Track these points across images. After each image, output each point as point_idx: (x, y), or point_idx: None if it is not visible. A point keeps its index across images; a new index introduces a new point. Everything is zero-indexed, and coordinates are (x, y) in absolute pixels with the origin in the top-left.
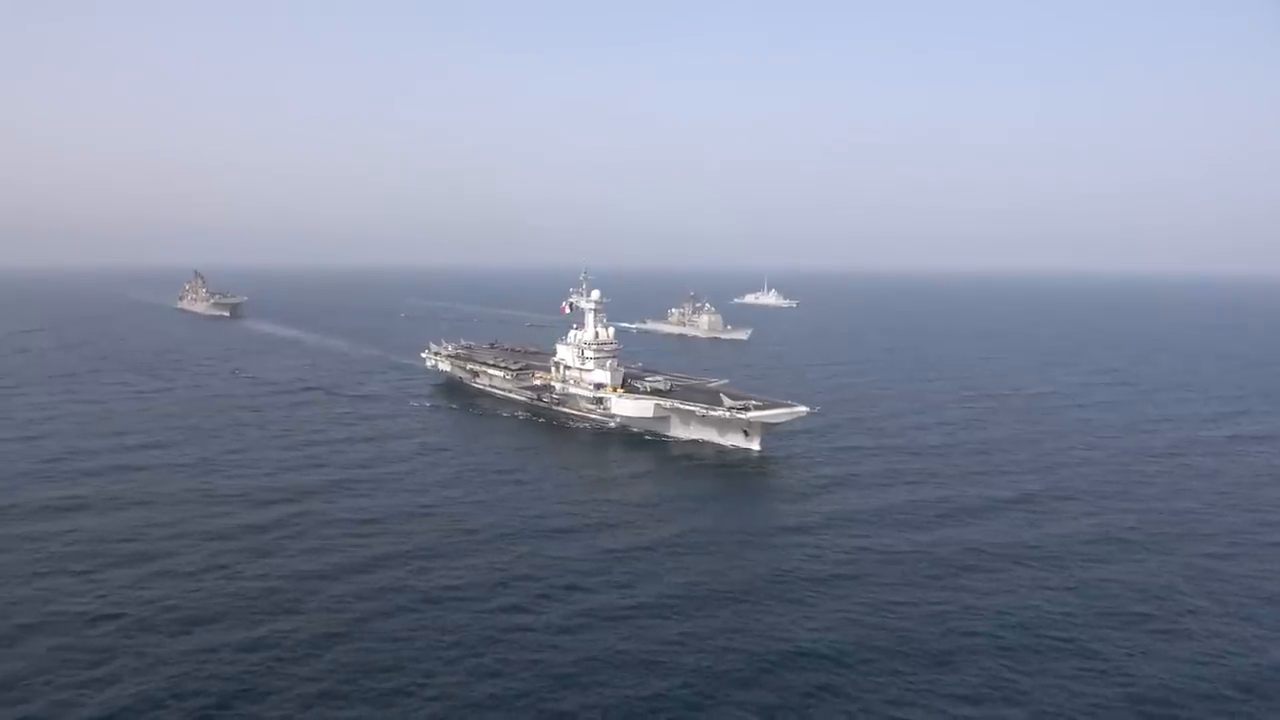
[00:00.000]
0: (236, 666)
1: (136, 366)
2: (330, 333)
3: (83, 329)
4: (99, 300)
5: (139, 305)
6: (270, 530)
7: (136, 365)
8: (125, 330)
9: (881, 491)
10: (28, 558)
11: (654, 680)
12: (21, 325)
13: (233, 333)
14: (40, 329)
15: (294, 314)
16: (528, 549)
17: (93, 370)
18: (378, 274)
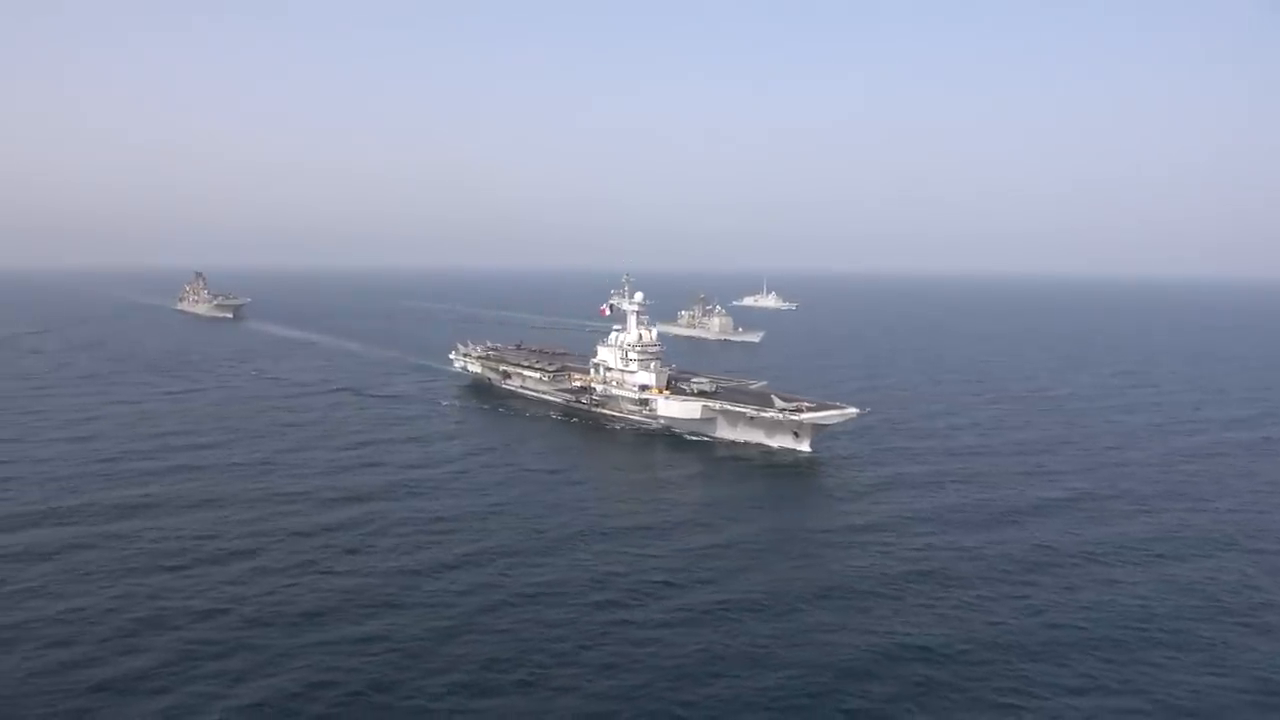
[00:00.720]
0: (359, 659)
1: (155, 368)
2: (341, 334)
3: (87, 330)
4: (94, 301)
5: (137, 306)
6: (348, 529)
7: (155, 366)
8: (131, 331)
9: (935, 491)
10: (118, 555)
11: (766, 673)
12: (24, 327)
13: (240, 334)
14: (45, 330)
15: (296, 316)
16: (604, 547)
17: (114, 371)
18: (370, 276)
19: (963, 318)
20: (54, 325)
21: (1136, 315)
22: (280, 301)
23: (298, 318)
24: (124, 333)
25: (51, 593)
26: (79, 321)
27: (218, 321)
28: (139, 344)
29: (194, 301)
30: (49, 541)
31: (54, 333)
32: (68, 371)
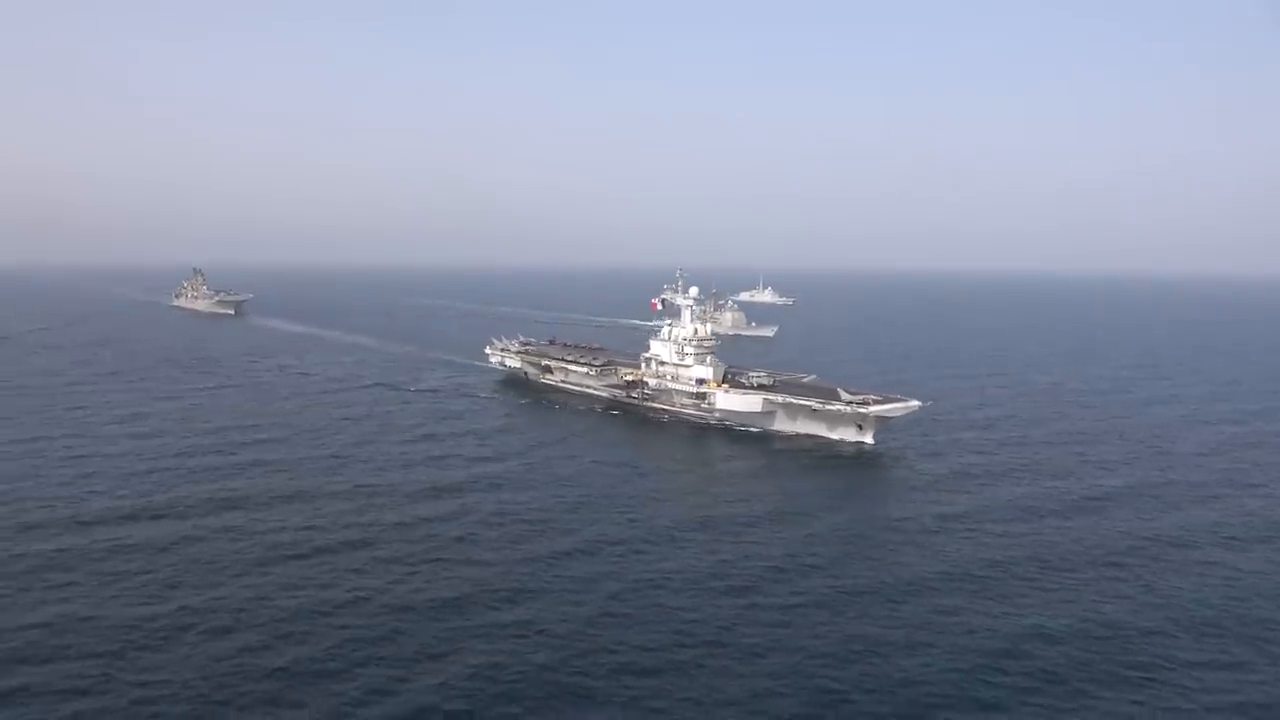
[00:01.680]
0: (514, 642)
1: (178, 364)
2: (349, 330)
3: (92, 327)
4: (86, 299)
5: (132, 303)
6: (446, 520)
7: (177, 362)
8: (135, 328)
9: (1002, 480)
10: (234, 546)
11: (908, 652)
12: (25, 325)
13: (247, 331)
14: (48, 328)
15: (299, 312)
16: (703, 537)
17: (137, 367)
18: (365, 274)
19: (963, 313)
20: (56, 322)
21: (1133, 311)
22: (280, 298)
23: (300, 313)
24: (129, 329)
25: (188, 584)
26: (80, 319)
27: (220, 318)
28: (149, 340)
29: (193, 298)
30: (162, 535)
31: (59, 330)
32: (93, 368)
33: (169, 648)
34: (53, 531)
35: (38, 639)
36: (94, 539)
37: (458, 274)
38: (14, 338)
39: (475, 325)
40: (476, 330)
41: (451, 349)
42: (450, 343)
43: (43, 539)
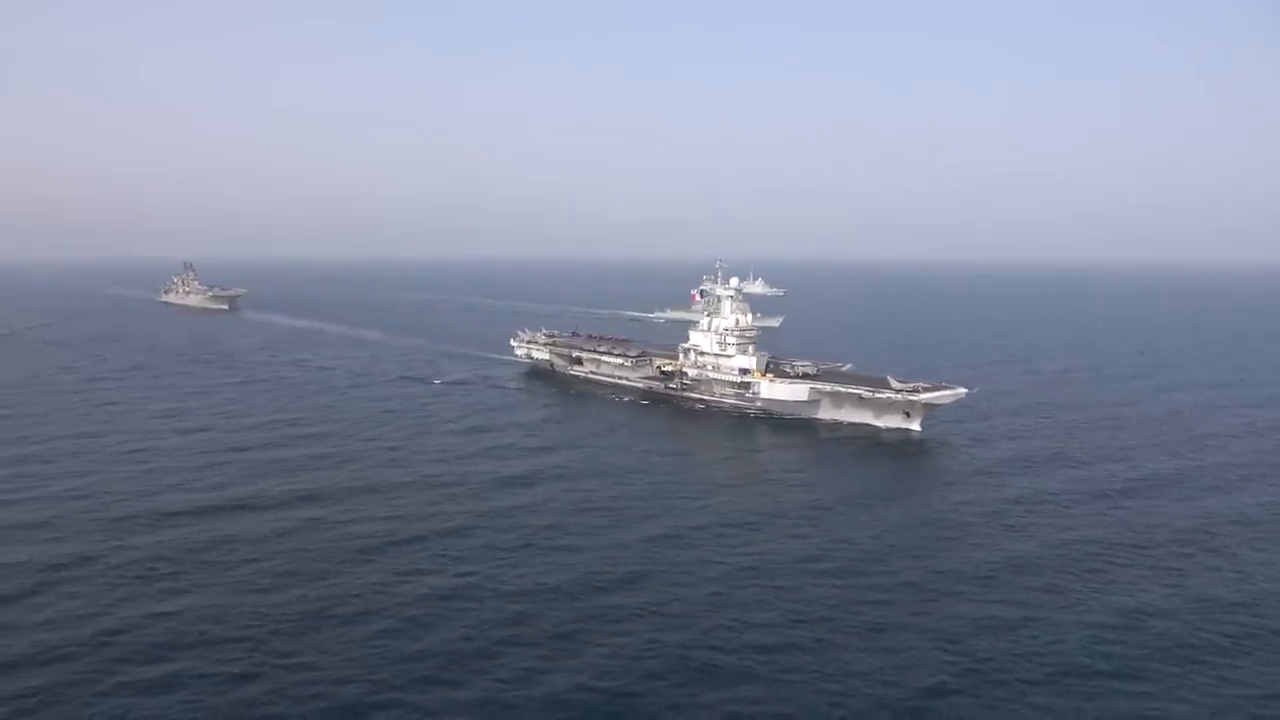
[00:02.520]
0: (655, 619)
1: (194, 359)
2: (353, 324)
3: (92, 323)
4: (72, 295)
5: (118, 299)
6: (530, 510)
7: (191, 358)
8: (135, 324)
9: (1056, 465)
10: (328, 536)
11: (1021, 630)
12: (28, 321)
13: (248, 326)
14: (46, 324)
15: (295, 307)
16: (787, 524)
17: (153, 363)
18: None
19: (959, 303)
20: (54, 318)
21: (1130, 301)
22: (272, 293)
23: (297, 308)
24: (129, 325)
25: (301, 573)
26: (76, 315)
27: (214, 313)
28: (153, 336)
29: (184, 293)
30: (253, 527)
31: (59, 326)
32: (110, 364)
33: (307, 634)
34: (143, 524)
35: (176, 628)
36: (187, 532)
37: (442, 267)
38: (17, 334)
39: (476, 319)
40: (480, 324)
41: (464, 342)
42: (461, 336)
43: (137, 532)
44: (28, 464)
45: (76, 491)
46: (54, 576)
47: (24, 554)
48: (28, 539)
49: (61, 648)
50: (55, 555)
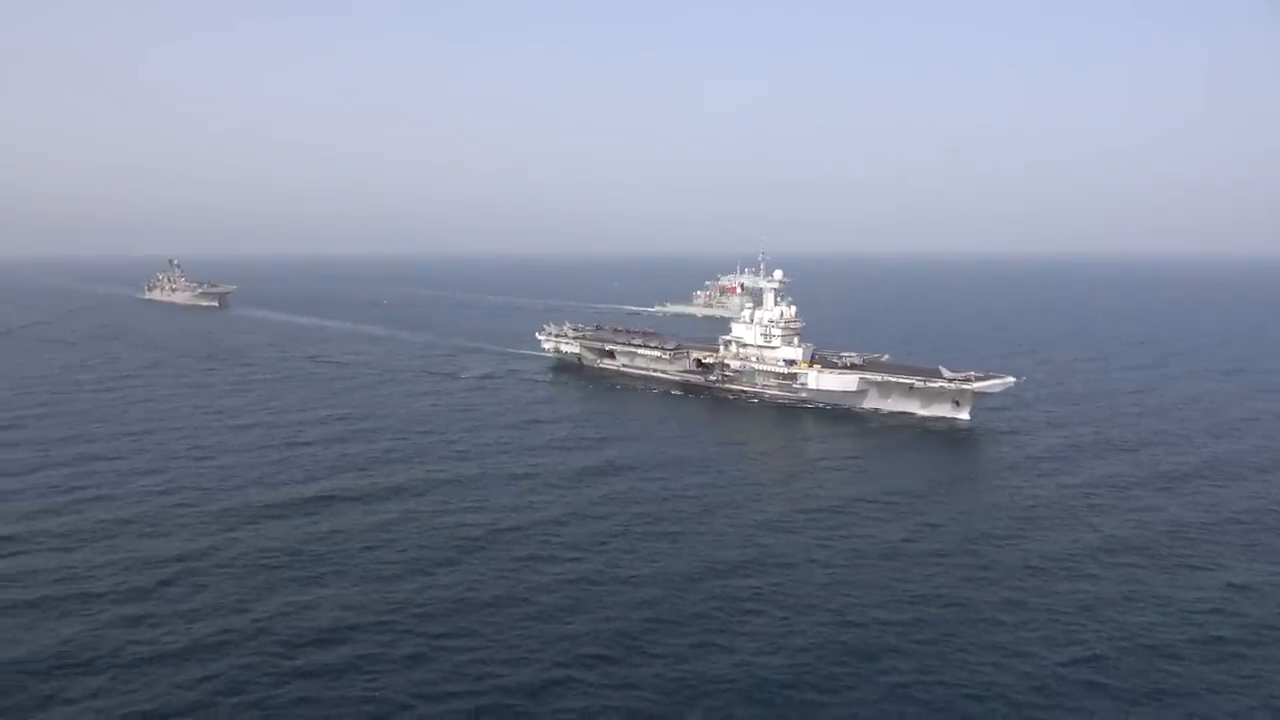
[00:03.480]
0: (787, 608)
1: (206, 356)
2: (355, 320)
3: (86, 321)
4: (54, 293)
5: (104, 297)
6: (620, 502)
7: (204, 355)
8: (132, 321)
9: (1113, 452)
10: (439, 528)
11: (1139, 613)
12: (23, 319)
13: (246, 323)
14: (43, 321)
15: (286, 303)
16: (878, 515)
17: (169, 360)
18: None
19: (953, 296)
20: (45, 317)
21: (1126, 292)
22: (259, 290)
23: (289, 305)
24: (125, 322)
25: (426, 561)
26: (67, 314)
27: (204, 310)
28: (155, 334)
29: (170, 290)
30: (354, 521)
31: (57, 324)
32: (127, 363)
33: (455, 618)
34: (244, 519)
35: (327, 615)
36: (291, 525)
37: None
38: (14, 332)
39: (476, 314)
40: (481, 319)
41: (473, 336)
42: (468, 331)
43: (241, 526)
44: (93, 461)
45: (158, 488)
46: (178, 569)
47: (135, 549)
48: (129, 533)
49: (222, 636)
50: (168, 550)
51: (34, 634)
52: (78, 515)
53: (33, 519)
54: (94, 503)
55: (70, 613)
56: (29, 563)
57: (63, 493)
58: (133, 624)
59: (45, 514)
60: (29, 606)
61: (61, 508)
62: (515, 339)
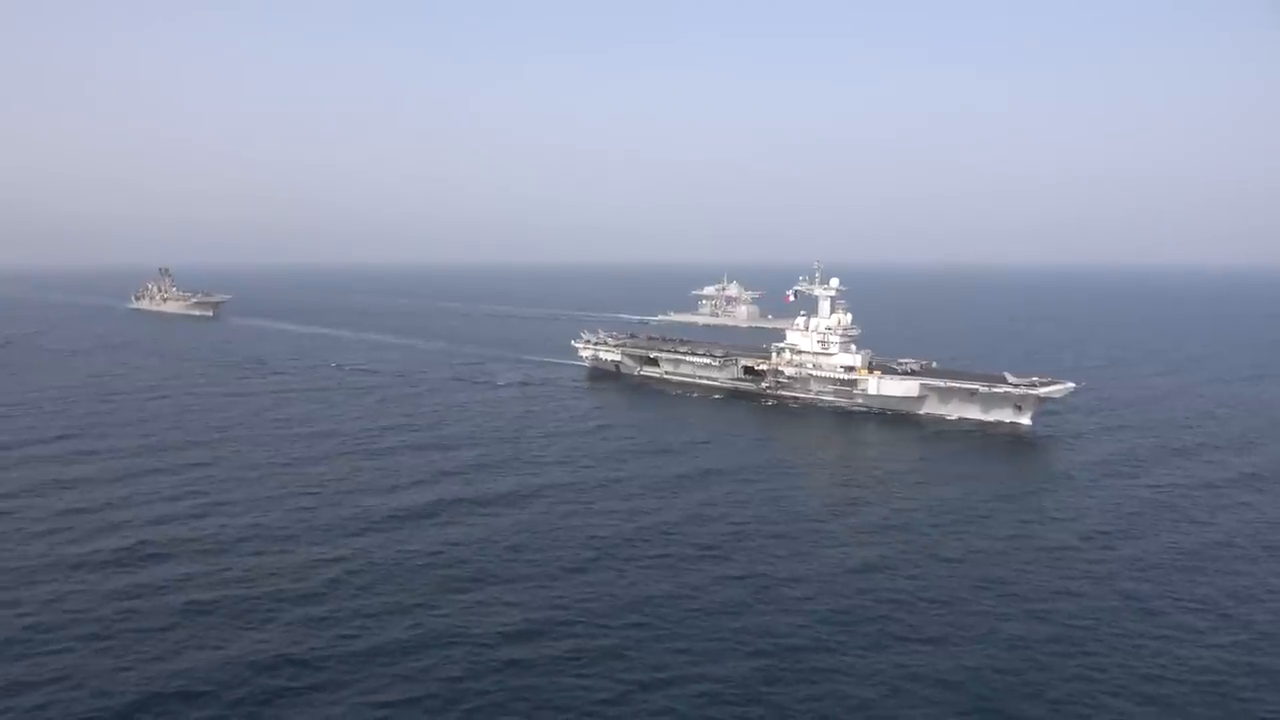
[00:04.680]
0: (926, 605)
1: (230, 365)
2: (359, 329)
3: (82, 330)
4: (29, 305)
5: (90, 307)
6: (736, 505)
7: (227, 364)
8: (133, 331)
9: (1181, 457)
10: (577, 529)
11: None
12: (15, 328)
13: (247, 331)
14: (40, 330)
15: (282, 312)
16: (972, 528)
17: (197, 370)
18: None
19: (953, 306)
20: (41, 327)
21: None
22: (251, 299)
23: (285, 314)
24: (127, 332)
25: (606, 558)
26: (60, 323)
27: (199, 320)
28: (164, 343)
29: (160, 300)
30: (497, 524)
31: (51, 333)
32: (152, 372)
33: (650, 616)
34: (371, 525)
35: (544, 614)
36: (441, 529)
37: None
38: (15, 341)
39: (474, 323)
40: (482, 327)
41: (487, 344)
42: (480, 338)
43: (389, 530)
44: (187, 470)
45: (267, 494)
46: (337, 572)
47: (282, 555)
48: (263, 538)
49: (416, 632)
50: (314, 555)
51: (234, 637)
52: (199, 522)
53: (162, 526)
54: (215, 509)
55: (255, 615)
56: (181, 568)
57: (173, 501)
58: (322, 624)
59: (171, 521)
60: (206, 613)
61: (183, 515)
62: (533, 346)
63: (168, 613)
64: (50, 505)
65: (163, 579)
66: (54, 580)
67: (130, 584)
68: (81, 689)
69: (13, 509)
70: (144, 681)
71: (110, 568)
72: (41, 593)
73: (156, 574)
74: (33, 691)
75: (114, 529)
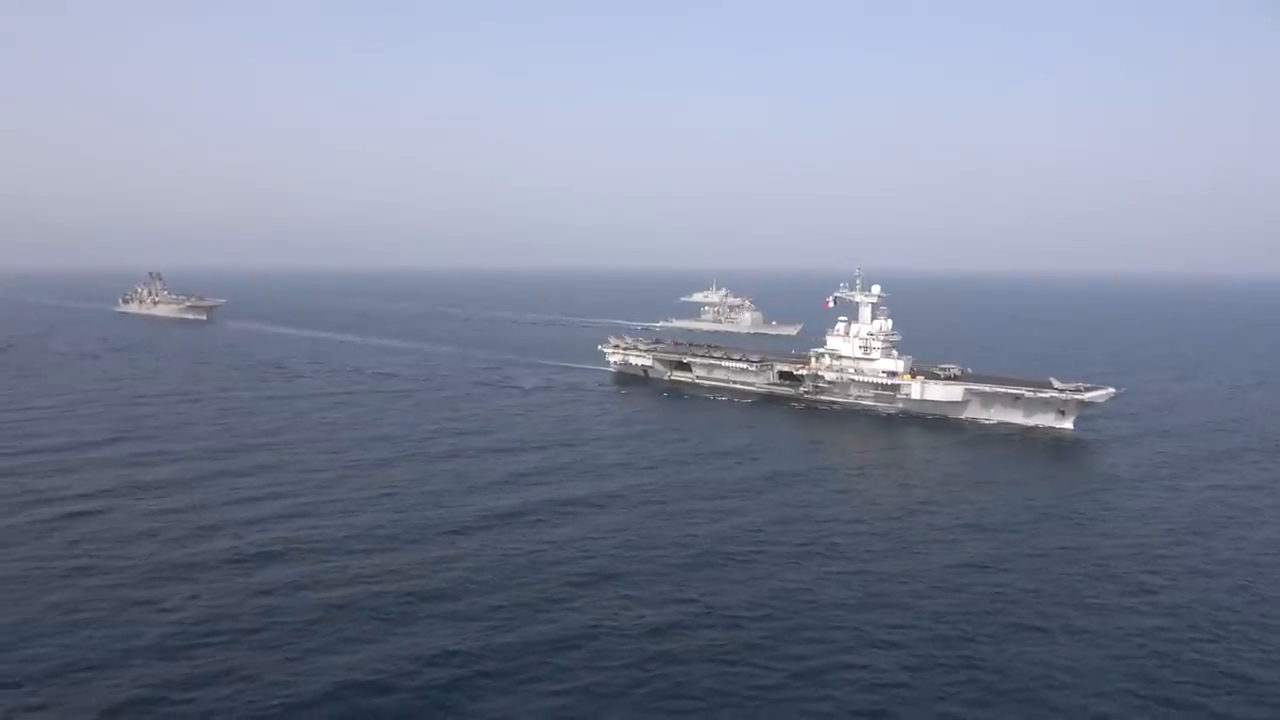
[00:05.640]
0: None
1: (245, 368)
2: (363, 333)
3: (79, 333)
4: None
5: (75, 311)
6: (821, 506)
7: (246, 368)
8: (134, 335)
9: (1227, 460)
10: (677, 531)
11: None
12: (13, 330)
13: (247, 335)
14: (39, 333)
15: (279, 317)
16: (1046, 526)
17: (223, 376)
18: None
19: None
20: (39, 329)
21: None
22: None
23: (282, 319)
24: (124, 335)
25: (716, 554)
26: (54, 327)
27: (192, 324)
28: (171, 347)
29: (152, 303)
30: (597, 523)
31: (51, 335)
32: (170, 377)
33: (778, 610)
34: (489, 524)
35: (658, 608)
36: (524, 534)
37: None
38: (20, 345)
39: (473, 328)
40: (495, 332)
41: (497, 348)
42: (488, 342)
43: (497, 528)
44: (261, 474)
45: (361, 498)
46: (468, 567)
47: (394, 555)
48: (373, 538)
49: (589, 625)
50: (440, 553)
51: (386, 632)
52: (295, 523)
53: (259, 527)
54: (304, 511)
55: (394, 611)
56: (301, 568)
57: (257, 502)
58: (466, 620)
59: (266, 522)
60: (345, 609)
61: (276, 517)
62: (544, 351)
63: (309, 610)
64: (137, 507)
65: (288, 579)
66: (179, 580)
67: (259, 583)
68: (256, 681)
69: (101, 509)
70: (317, 673)
71: (229, 567)
72: (171, 592)
73: (279, 574)
74: (212, 684)
75: (213, 531)
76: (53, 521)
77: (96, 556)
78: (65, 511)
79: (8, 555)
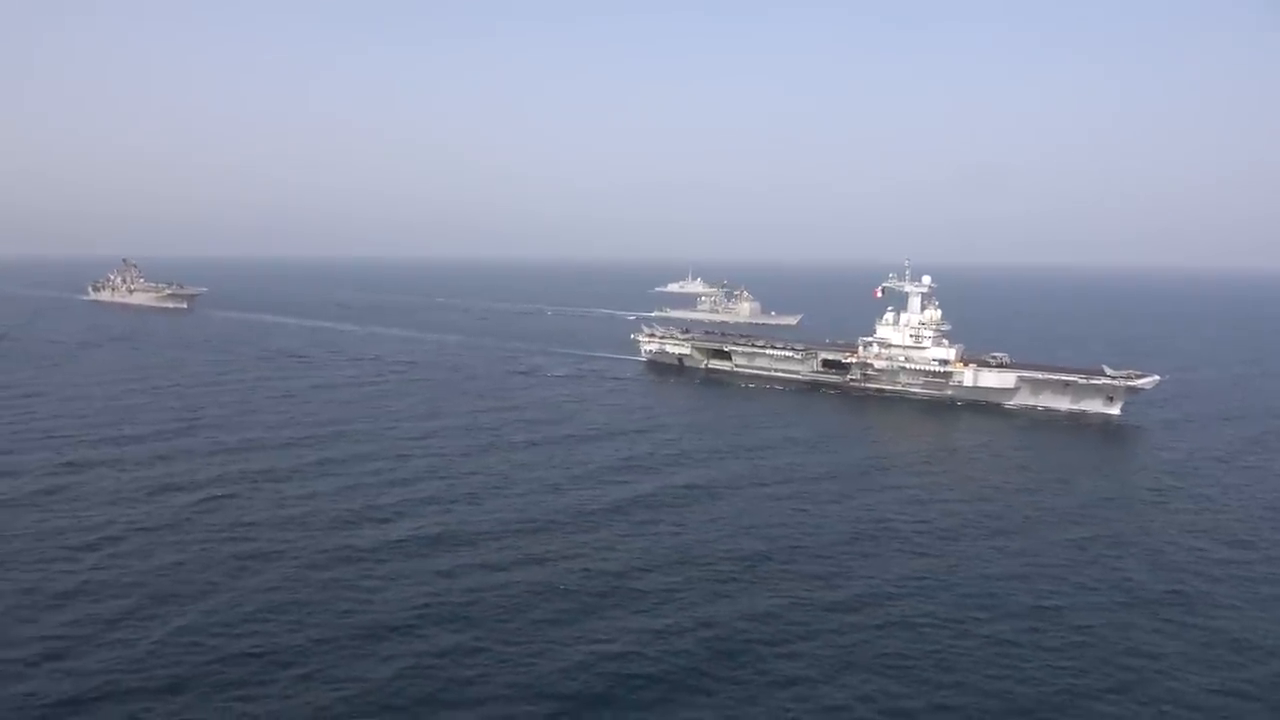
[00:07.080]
0: None
1: (266, 358)
2: (362, 322)
3: (64, 324)
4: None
5: (41, 299)
6: (907, 504)
7: (263, 356)
8: (113, 324)
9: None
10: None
11: None
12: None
13: (237, 324)
14: (27, 322)
15: (257, 305)
16: (1110, 514)
17: (248, 364)
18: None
19: None
20: (24, 318)
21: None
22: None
23: (261, 307)
24: (111, 326)
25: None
26: (32, 316)
27: (174, 313)
28: (169, 336)
29: (126, 291)
30: (690, 521)
31: (42, 324)
32: (190, 366)
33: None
34: (593, 519)
35: (753, 605)
36: (622, 531)
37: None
38: (13, 334)
39: (473, 318)
40: (488, 322)
41: (505, 337)
42: (496, 332)
43: (601, 524)
44: (362, 464)
45: (480, 489)
46: (631, 550)
47: (501, 552)
48: (524, 527)
49: (782, 605)
50: (594, 539)
51: (602, 617)
52: (429, 510)
53: (394, 515)
54: (430, 501)
55: (591, 597)
56: (474, 556)
57: (378, 490)
58: (669, 599)
59: (400, 510)
60: (544, 594)
61: (408, 504)
62: (560, 340)
63: (511, 589)
64: (264, 495)
65: (468, 562)
66: (360, 560)
67: (443, 566)
68: (504, 657)
69: (231, 494)
70: (565, 643)
71: (393, 550)
72: (362, 573)
73: (457, 559)
74: (470, 656)
75: (359, 517)
76: (190, 508)
77: (259, 541)
78: (199, 498)
79: (172, 541)
